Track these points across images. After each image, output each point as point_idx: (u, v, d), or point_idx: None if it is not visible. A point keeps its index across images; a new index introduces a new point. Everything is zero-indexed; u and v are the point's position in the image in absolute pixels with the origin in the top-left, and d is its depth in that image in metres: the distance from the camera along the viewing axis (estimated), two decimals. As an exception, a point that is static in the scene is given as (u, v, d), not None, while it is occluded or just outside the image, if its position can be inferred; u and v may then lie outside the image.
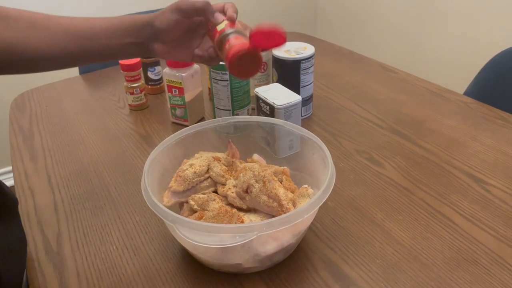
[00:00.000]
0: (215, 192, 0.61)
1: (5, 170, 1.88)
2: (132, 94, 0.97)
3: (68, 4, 1.78)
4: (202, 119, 0.94)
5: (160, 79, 1.05)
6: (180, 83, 0.86)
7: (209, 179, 0.61)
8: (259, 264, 0.55)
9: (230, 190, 0.59)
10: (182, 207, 0.61)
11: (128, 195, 0.72)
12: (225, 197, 0.59)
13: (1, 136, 1.69)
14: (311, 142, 0.62)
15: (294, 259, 0.58)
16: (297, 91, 0.87)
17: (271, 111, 0.77)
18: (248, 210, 0.58)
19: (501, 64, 1.04)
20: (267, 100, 0.78)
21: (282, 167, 0.64)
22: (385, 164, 0.76)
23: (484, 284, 0.53)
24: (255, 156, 0.68)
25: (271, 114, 0.78)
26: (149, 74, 1.03)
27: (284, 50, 0.89)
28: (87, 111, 1.00)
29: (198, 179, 0.60)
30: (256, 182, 0.56)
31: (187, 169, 0.60)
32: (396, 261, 0.57)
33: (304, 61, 0.87)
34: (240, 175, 0.58)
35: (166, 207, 0.51)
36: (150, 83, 1.05)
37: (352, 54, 1.26)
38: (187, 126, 0.66)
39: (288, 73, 0.88)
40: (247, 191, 0.57)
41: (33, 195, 0.73)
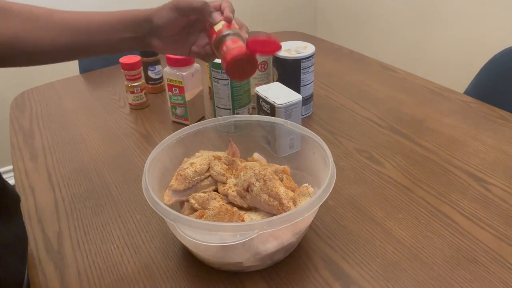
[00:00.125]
0: (216, 191, 0.61)
1: (5, 169, 1.88)
2: (132, 93, 0.97)
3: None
4: (203, 118, 0.94)
5: (161, 78, 1.05)
6: (181, 82, 0.86)
7: (209, 178, 0.61)
8: (259, 262, 0.55)
9: (230, 189, 0.59)
10: (182, 206, 0.61)
11: (129, 194, 0.72)
12: (225, 195, 0.59)
13: (1, 135, 1.69)
14: (312, 141, 0.62)
15: (295, 257, 0.58)
16: (297, 90, 0.87)
17: (272, 110, 0.77)
18: (248, 209, 0.58)
19: (501, 63, 1.04)
20: (268, 99, 0.78)
21: (282, 166, 0.64)
22: (385, 163, 0.76)
23: (484, 283, 0.53)
24: (256, 155, 0.68)
25: (272, 113, 0.78)
26: (149, 73, 1.03)
27: (284, 49, 0.89)
28: (88, 110, 1.00)
29: (198, 177, 0.60)
30: (257, 180, 0.56)
31: (187, 167, 0.60)
32: (396, 259, 0.57)
33: (304, 60, 0.87)
34: (241, 173, 0.58)
35: (167, 206, 0.51)
36: (150, 82, 1.05)
37: (352, 54, 1.26)
38: (187, 125, 0.66)
39: (289, 72, 0.88)
40: (247, 189, 0.57)
41: (33, 194, 0.73)
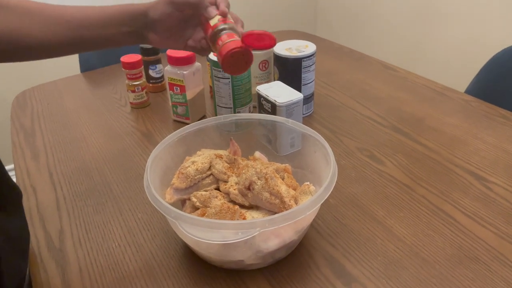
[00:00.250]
0: (217, 189, 0.61)
1: (7, 168, 1.87)
2: (133, 92, 0.97)
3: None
4: (204, 117, 0.94)
5: (162, 77, 1.05)
6: (182, 81, 0.86)
7: (211, 176, 0.61)
8: (261, 260, 0.55)
9: (232, 187, 0.59)
10: (184, 204, 0.61)
11: (130, 192, 0.72)
12: (227, 194, 0.59)
13: (2, 134, 1.69)
14: (313, 139, 0.62)
15: (296, 256, 0.58)
16: (298, 89, 0.87)
17: (273, 109, 0.77)
18: (250, 207, 0.58)
19: (502, 62, 1.04)
20: (269, 98, 0.78)
21: (284, 165, 0.64)
22: (386, 162, 0.76)
23: (485, 281, 0.53)
24: (257, 154, 0.68)
25: (273, 112, 0.78)
26: (150, 72, 1.03)
27: (285, 48, 0.89)
28: (89, 109, 1.00)
29: (200, 176, 0.60)
30: (258, 179, 0.56)
31: (189, 166, 0.60)
32: (397, 258, 0.57)
33: (305, 59, 0.87)
34: (242, 172, 0.58)
35: (168, 204, 0.51)
36: (151, 81, 1.05)
37: (353, 53, 1.26)
38: (188, 124, 0.66)
39: (290, 71, 0.88)
40: (249, 188, 0.57)
41: (35, 193, 0.73)
